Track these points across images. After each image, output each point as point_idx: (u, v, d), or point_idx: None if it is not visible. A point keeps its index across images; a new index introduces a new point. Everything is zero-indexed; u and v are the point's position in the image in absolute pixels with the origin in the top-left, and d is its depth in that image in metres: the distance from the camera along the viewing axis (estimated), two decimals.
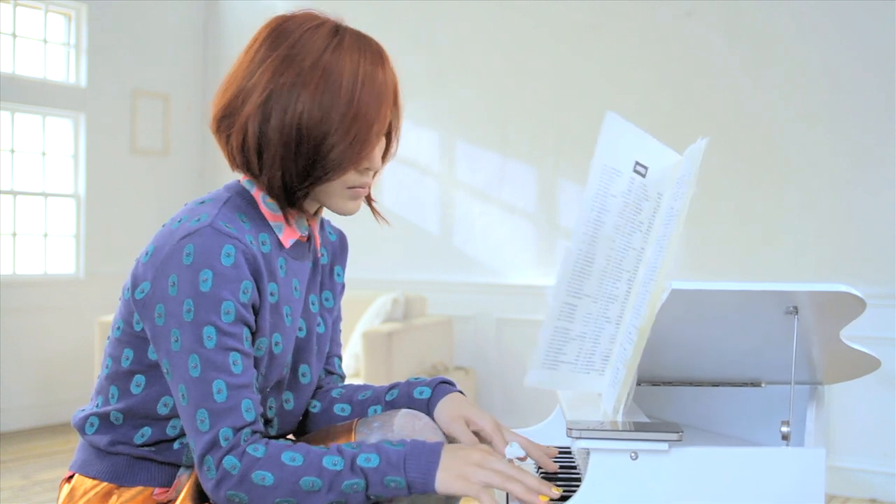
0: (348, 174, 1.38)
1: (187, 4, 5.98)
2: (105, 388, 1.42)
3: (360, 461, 1.27)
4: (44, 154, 5.36)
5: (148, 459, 1.41)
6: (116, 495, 1.40)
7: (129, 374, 1.39)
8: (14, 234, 5.23)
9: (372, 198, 1.53)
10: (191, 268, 1.28)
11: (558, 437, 1.62)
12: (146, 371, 1.38)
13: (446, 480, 1.27)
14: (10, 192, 5.19)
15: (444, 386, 1.53)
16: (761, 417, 1.46)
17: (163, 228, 1.37)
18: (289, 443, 1.31)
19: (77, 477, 1.43)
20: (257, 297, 1.34)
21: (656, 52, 4.48)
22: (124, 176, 5.65)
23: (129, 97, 5.64)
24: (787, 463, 1.18)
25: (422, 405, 1.52)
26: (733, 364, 1.40)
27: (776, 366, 1.37)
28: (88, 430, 1.43)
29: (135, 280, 1.36)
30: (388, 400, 1.55)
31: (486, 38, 5.02)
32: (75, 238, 5.48)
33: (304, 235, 1.46)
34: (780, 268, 4.07)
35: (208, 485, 1.28)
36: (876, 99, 3.89)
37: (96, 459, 1.42)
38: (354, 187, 1.41)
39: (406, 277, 5.10)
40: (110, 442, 1.41)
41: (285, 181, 1.36)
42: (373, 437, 1.37)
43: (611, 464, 1.18)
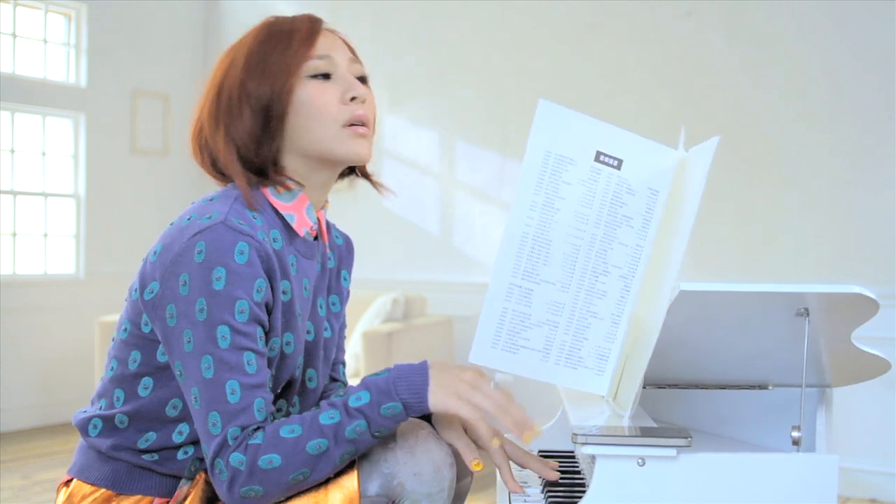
0: (325, 108, 1.36)
1: (187, 4, 5.97)
2: (109, 390, 1.39)
3: (352, 403, 1.24)
4: (44, 154, 5.36)
5: (149, 469, 1.38)
6: (115, 503, 1.37)
7: (137, 377, 1.36)
8: (14, 234, 5.22)
9: (370, 173, 1.52)
10: (203, 265, 1.25)
11: (562, 441, 1.60)
12: (154, 373, 1.35)
13: (439, 397, 1.24)
14: (10, 192, 5.19)
15: None
16: (768, 420, 1.43)
17: (171, 227, 1.33)
18: (282, 419, 1.27)
19: (75, 482, 1.40)
20: (271, 295, 1.31)
21: (656, 52, 4.48)
22: (124, 176, 5.65)
23: (129, 97, 5.64)
24: (799, 469, 1.15)
25: None
26: (740, 366, 1.37)
27: (784, 368, 1.34)
28: (91, 432, 1.39)
29: (143, 280, 1.32)
30: None
31: (486, 38, 5.02)
32: (75, 238, 5.47)
33: (313, 228, 1.43)
34: (780, 268, 4.08)
35: (222, 489, 1.25)
36: (876, 99, 3.89)
37: (96, 464, 1.39)
38: (351, 125, 1.37)
39: (406, 277, 5.10)
40: (112, 446, 1.37)
41: (238, 144, 1.36)
42: (375, 449, 1.32)
43: (617, 470, 1.15)
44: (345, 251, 1.60)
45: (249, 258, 1.26)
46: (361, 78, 1.43)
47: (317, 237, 1.47)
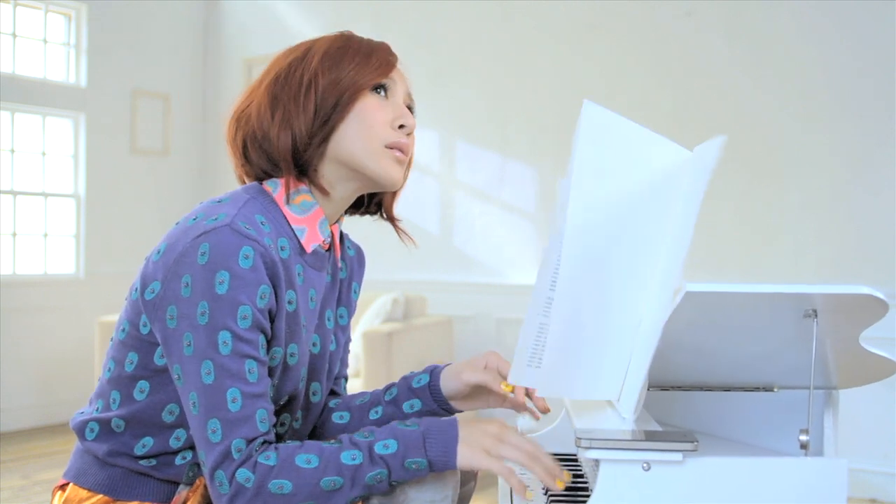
0: (377, 125, 1.35)
1: (187, 4, 5.97)
2: (106, 392, 1.36)
3: (378, 449, 1.22)
4: (44, 154, 5.36)
5: (146, 475, 1.35)
6: None
7: (133, 379, 1.33)
8: (14, 234, 5.22)
9: (396, 217, 1.54)
10: (206, 268, 1.22)
11: (565, 444, 1.58)
12: (151, 377, 1.32)
13: (467, 455, 1.22)
14: (10, 192, 5.19)
15: (438, 365, 1.53)
16: (773, 422, 1.40)
17: (176, 226, 1.30)
18: (297, 444, 1.25)
19: (71, 487, 1.38)
20: (274, 303, 1.28)
21: (656, 52, 4.48)
22: (124, 176, 5.65)
23: (129, 97, 5.63)
24: (808, 474, 1.13)
25: (423, 392, 1.50)
26: (746, 368, 1.35)
27: (791, 370, 1.32)
28: (88, 436, 1.37)
29: (144, 280, 1.29)
30: (387, 399, 1.53)
31: (486, 38, 5.02)
32: (75, 238, 5.47)
33: (325, 241, 1.41)
34: (780, 268, 4.08)
35: (221, 501, 1.21)
36: (876, 99, 3.89)
37: (93, 469, 1.37)
38: (393, 147, 1.37)
39: (406, 277, 5.10)
40: (109, 452, 1.35)
41: (295, 134, 1.34)
42: None
43: (622, 475, 1.12)
44: (356, 263, 1.59)
45: (254, 263, 1.23)
46: None
47: (329, 248, 1.45)
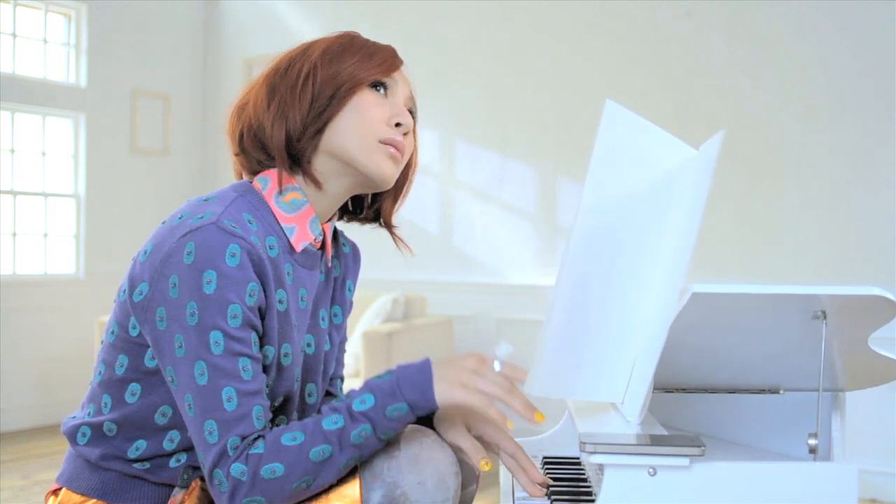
0: (372, 120, 1.34)
1: (187, 4, 5.97)
2: (97, 395, 1.35)
3: (356, 407, 1.21)
4: (44, 154, 5.35)
5: (140, 479, 1.34)
6: None
7: (124, 382, 1.31)
8: (14, 234, 5.22)
9: (393, 224, 1.53)
10: (192, 267, 1.20)
11: (567, 447, 1.56)
12: (142, 379, 1.30)
13: (445, 391, 1.21)
14: (10, 192, 5.19)
15: None
16: (779, 425, 1.38)
17: (162, 226, 1.28)
18: (282, 427, 1.23)
19: (64, 492, 1.36)
20: (264, 300, 1.26)
21: (656, 52, 4.48)
22: (124, 176, 5.65)
23: (129, 97, 5.63)
24: (817, 479, 1.10)
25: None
26: (752, 370, 1.33)
27: (797, 372, 1.30)
28: (80, 441, 1.35)
29: (132, 281, 1.27)
30: None
31: (486, 38, 5.02)
32: (75, 238, 5.47)
33: (317, 240, 1.40)
34: (780, 268, 4.08)
35: (222, 500, 1.20)
36: (876, 99, 3.90)
37: (85, 473, 1.35)
38: (387, 143, 1.35)
39: (406, 277, 5.10)
40: (102, 456, 1.33)
41: (289, 124, 1.33)
42: (378, 457, 1.27)
43: (627, 480, 1.09)
44: (351, 260, 1.57)
45: (241, 261, 1.22)
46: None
47: (322, 247, 1.44)
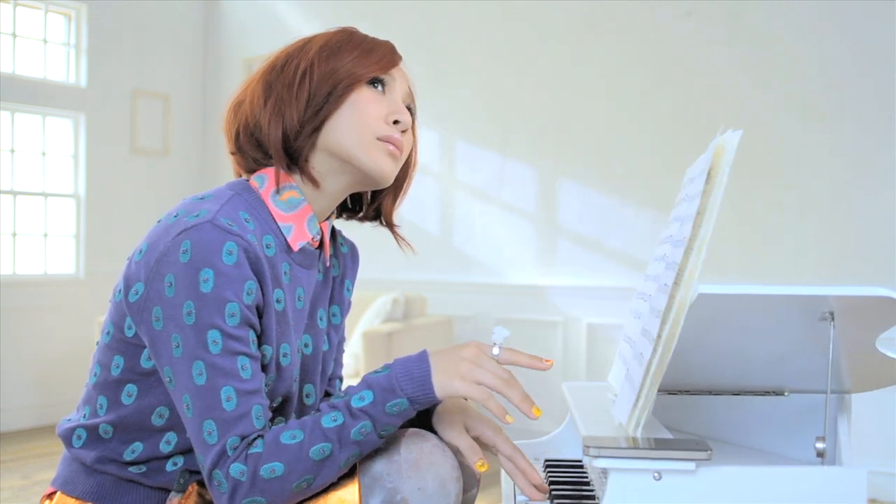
0: (370, 117, 1.32)
1: (187, 4, 5.97)
2: (93, 397, 1.33)
3: (355, 403, 1.19)
4: (44, 154, 5.36)
5: (136, 482, 1.32)
6: None
7: (120, 384, 1.29)
8: (14, 234, 5.23)
9: (395, 223, 1.52)
10: (189, 266, 1.18)
11: (570, 449, 1.53)
12: (138, 380, 1.28)
13: (444, 383, 1.19)
14: (10, 192, 5.19)
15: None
16: (784, 427, 1.35)
17: (157, 224, 1.26)
18: (281, 425, 1.22)
19: (59, 495, 1.34)
20: (261, 298, 1.25)
21: (656, 52, 4.48)
22: (124, 176, 5.65)
23: (129, 97, 5.64)
24: (826, 483, 1.07)
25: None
26: (757, 372, 1.30)
27: (803, 374, 1.27)
28: (75, 443, 1.33)
29: (128, 281, 1.25)
30: None
31: (486, 38, 5.02)
32: (75, 238, 5.47)
33: (314, 239, 1.38)
34: (780, 268, 4.08)
35: (222, 501, 1.18)
36: (875, 99, 3.89)
37: (80, 477, 1.33)
38: (385, 140, 1.33)
39: (406, 277, 5.10)
40: (97, 459, 1.31)
41: (286, 122, 1.31)
42: (378, 461, 1.25)
43: (632, 485, 1.06)
44: (349, 260, 1.56)
45: (238, 259, 1.20)
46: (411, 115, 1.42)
47: (319, 246, 1.42)
